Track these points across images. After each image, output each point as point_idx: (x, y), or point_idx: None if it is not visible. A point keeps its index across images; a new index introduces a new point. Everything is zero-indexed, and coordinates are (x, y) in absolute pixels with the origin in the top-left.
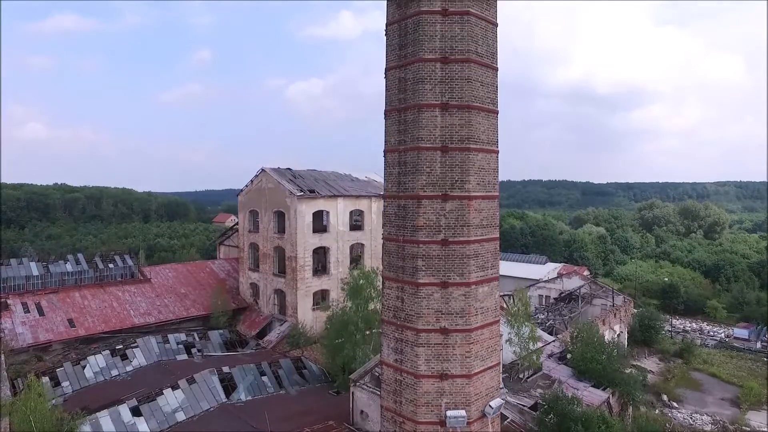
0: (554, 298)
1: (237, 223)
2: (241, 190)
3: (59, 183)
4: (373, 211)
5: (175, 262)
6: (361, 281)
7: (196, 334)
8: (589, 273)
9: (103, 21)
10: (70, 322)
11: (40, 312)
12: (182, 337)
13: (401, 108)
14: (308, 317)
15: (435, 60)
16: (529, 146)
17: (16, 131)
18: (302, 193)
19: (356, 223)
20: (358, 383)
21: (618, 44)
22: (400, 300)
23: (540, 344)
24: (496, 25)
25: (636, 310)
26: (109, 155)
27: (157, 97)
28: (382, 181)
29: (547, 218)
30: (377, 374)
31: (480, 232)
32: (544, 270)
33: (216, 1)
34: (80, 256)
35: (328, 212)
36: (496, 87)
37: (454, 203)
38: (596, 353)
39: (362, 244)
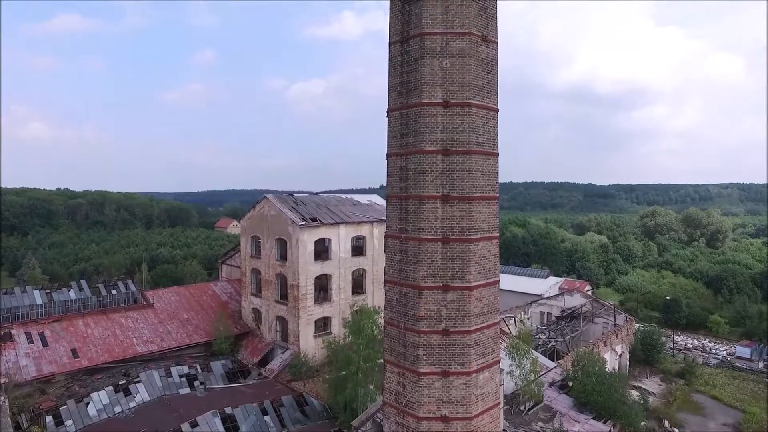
0: (556, 317)
1: (239, 244)
2: (244, 215)
3: (62, 188)
4: (375, 236)
5: (177, 273)
6: (363, 321)
7: (198, 366)
8: (590, 287)
9: (106, 21)
10: (74, 352)
11: (44, 342)
12: (185, 369)
13: (402, 196)
14: (310, 345)
15: (436, 152)
16: (531, 147)
17: (19, 131)
18: (304, 223)
19: (358, 244)
20: (359, 430)
21: (620, 44)
22: (401, 386)
23: (541, 371)
24: (497, 111)
25: (638, 325)
26: (111, 155)
27: (159, 97)
28: (384, 204)
29: (549, 226)
30: (379, 420)
31: (481, 320)
32: (545, 284)
33: (218, 2)
34: (83, 282)
35: (330, 239)
36: (497, 172)
37: (455, 294)
38: (597, 383)
39: (364, 270)
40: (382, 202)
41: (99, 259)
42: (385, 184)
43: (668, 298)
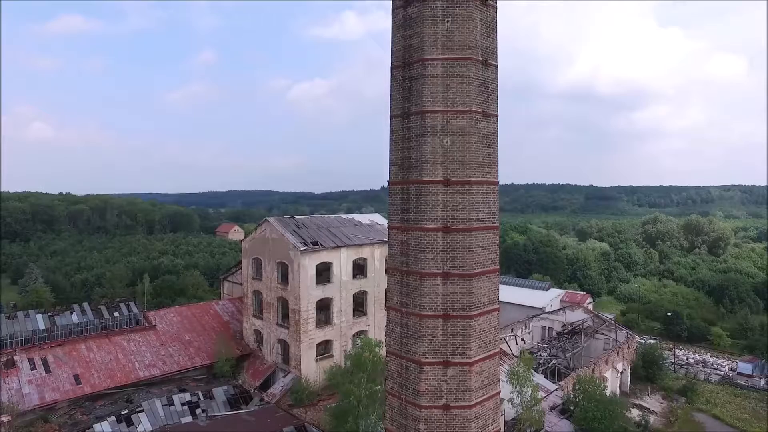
0: (557, 332)
1: (240, 261)
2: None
3: (64, 192)
4: (376, 257)
5: (178, 284)
6: (364, 354)
7: (200, 393)
8: (591, 300)
9: (108, 22)
10: (76, 378)
11: (47, 368)
12: (187, 396)
13: (404, 270)
14: (311, 369)
15: (437, 229)
16: (532, 148)
17: (22, 132)
18: (306, 248)
19: (359, 263)
20: None
21: (621, 45)
22: None
23: (541, 393)
24: (497, 184)
25: (639, 338)
26: (113, 156)
27: (161, 97)
28: (385, 224)
29: (550, 233)
30: None
31: (481, 393)
32: (547, 297)
33: (220, 2)
34: (86, 305)
35: (331, 263)
36: (498, 244)
37: (455, 369)
38: (598, 410)
39: (365, 291)
40: (383, 221)
41: (101, 268)
42: (385, 186)
43: (669, 314)
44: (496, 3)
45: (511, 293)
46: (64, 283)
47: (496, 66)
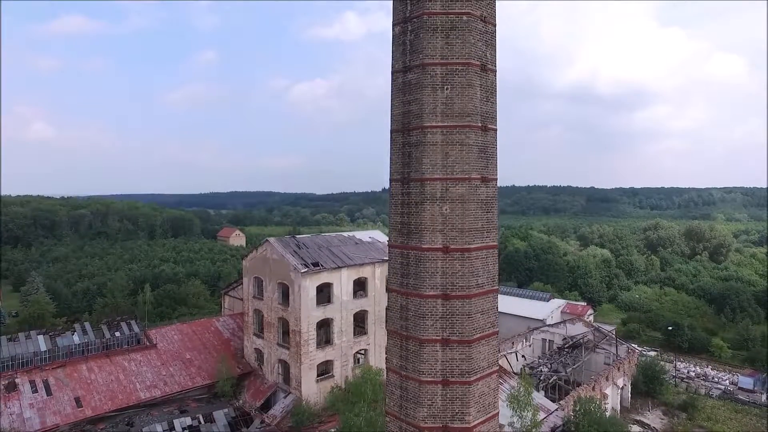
0: (558, 346)
1: (241, 277)
2: (246, 255)
3: (66, 195)
4: (377, 276)
5: (180, 294)
6: (365, 385)
7: (201, 417)
8: (592, 311)
9: (110, 23)
10: (77, 401)
11: (48, 391)
12: (188, 421)
13: (403, 335)
14: (312, 390)
15: (436, 296)
16: (533, 149)
17: (23, 132)
18: (307, 269)
19: (360, 279)
20: None
21: (622, 45)
22: None
23: (542, 414)
24: (496, 247)
25: (640, 349)
26: (113, 156)
27: (162, 97)
28: (385, 241)
29: (551, 240)
30: None
31: None
32: (548, 308)
33: (221, 2)
34: (87, 325)
35: (332, 283)
36: (496, 306)
37: None
38: None
39: (365, 311)
40: (383, 238)
41: (102, 276)
42: (386, 187)
43: (670, 328)
44: (495, 67)
45: (512, 304)
46: (66, 292)
47: (496, 129)
